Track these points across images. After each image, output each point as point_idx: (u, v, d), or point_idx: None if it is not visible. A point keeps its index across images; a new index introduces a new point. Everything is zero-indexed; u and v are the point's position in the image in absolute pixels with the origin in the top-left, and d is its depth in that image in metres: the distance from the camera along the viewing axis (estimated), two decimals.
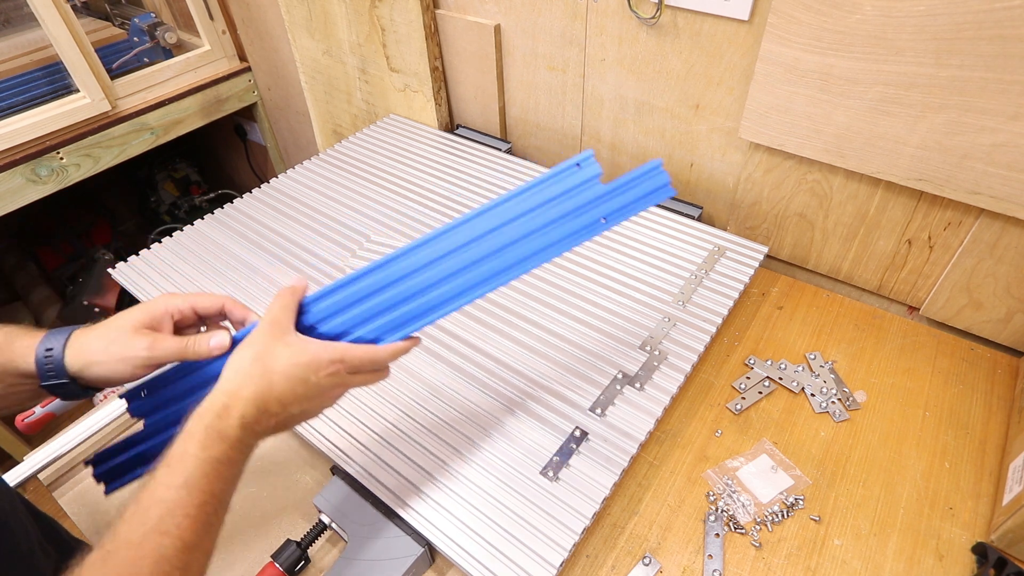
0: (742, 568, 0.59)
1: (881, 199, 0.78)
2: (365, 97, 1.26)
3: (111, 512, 0.68)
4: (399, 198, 0.99)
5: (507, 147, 1.11)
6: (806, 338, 0.80)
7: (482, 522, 0.58)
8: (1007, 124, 0.62)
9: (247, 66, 1.61)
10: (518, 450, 0.64)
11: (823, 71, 0.70)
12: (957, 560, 0.59)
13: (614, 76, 0.92)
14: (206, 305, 0.52)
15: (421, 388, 0.70)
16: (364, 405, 0.69)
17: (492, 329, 0.76)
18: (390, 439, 0.66)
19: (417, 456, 0.64)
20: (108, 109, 1.36)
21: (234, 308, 0.52)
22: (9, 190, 1.27)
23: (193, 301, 0.51)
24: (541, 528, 0.57)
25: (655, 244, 0.86)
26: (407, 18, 1.05)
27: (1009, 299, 0.74)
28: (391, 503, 0.60)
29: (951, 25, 0.60)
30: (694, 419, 0.72)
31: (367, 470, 0.63)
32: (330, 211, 0.97)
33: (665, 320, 0.76)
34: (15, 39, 1.48)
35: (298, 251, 0.90)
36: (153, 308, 0.50)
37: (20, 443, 1.54)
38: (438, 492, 0.61)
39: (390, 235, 0.92)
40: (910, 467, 0.66)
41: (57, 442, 0.72)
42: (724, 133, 0.86)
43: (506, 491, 0.60)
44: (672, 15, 0.80)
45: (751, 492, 0.64)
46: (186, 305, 0.51)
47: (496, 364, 0.72)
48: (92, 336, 0.48)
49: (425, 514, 0.59)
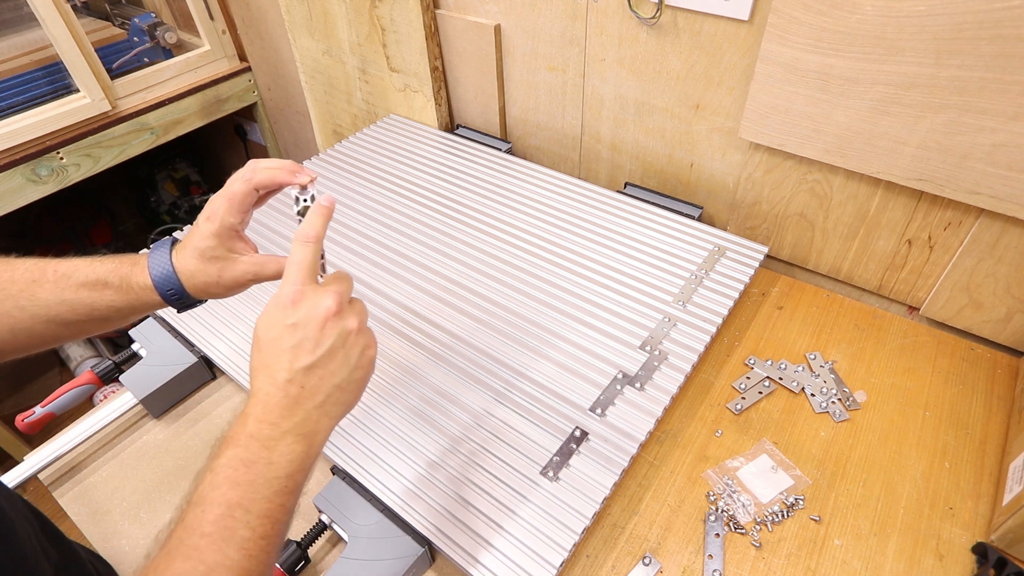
0: (742, 568, 0.59)
1: (881, 199, 0.78)
2: (365, 97, 1.26)
3: (112, 512, 0.68)
4: (399, 198, 0.99)
5: (507, 147, 1.11)
6: (806, 338, 0.80)
7: (482, 522, 0.58)
8: (1007, 124, 0.62)
9: (247, 66, 1.61)
10: (518, 450, 0.64)
11: (823, 71, 0.70)
12: (957, 560, 0.59)
13: (614, 76, 0.92)
14: (265, 182, 0.49)
15: (421, 388, 0.70)
16: (364, 405, 0.69)
17: (492, 329, 0.76)
18: (390, 439, 0.66)
19: (417, 456, 0.64)
20: (108, 109, 1.36)
21: (291, 173, 0.49)
22: (9, 190, 1.27)
23: (256, 183, 0.49)
24: (541, 528, 0.57)
25: (655, 244, 0.86)
26: (407, 18, 1.05)
27: (1009, 299, 0.74)
28: (391, 503, 0.60)
29: (951, 25, 0.60)
30: (694, 419, 0.72)
31: (367, 470, 0.63)
32: None
33: (665, 320, 0.76)
34: (15, 39, 1.48)
35: None
36: (221, 221, 0.48)
37: (20, 443, 1.54)
38: (438, 492, 0.61)
39: (390, 235, 0.92)
40: (910, 467, 0.66)
41: (57, 442, 0.72)
42: (724, 133, 0.86)
43: (506, 491, 0.60)
44: (672, 15, 0.80)
45: (751, 492, 0.64)
46: (249, 193, 0.49)
47: (496, 364, 0.72)
48: (183, 259, 0.49)
49: (425, 514, 0.59)
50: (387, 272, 0.86)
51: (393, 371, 0.72)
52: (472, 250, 0.88)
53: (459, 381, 0.71)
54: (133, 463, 0.73)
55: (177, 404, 0.79)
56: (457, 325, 0.77)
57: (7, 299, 0.47)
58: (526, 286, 0.82)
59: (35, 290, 0.47)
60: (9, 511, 0.40)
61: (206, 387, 0.81)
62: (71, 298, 0.48)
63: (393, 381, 0.71)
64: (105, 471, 0.72)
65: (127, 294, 0.49)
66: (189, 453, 0.73)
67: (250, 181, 0.48)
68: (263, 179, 0.49)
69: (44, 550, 0.44)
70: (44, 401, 0.75)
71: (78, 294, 0.48)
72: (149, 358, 0.79)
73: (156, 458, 0.73)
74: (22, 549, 0.40)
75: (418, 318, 0.79)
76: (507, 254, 0.87)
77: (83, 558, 0.52)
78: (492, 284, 0.82)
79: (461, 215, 0.94)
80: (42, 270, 0.48)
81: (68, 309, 0.48)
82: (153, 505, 0.68)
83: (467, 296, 0.81)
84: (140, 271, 0.49)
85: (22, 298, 0.47)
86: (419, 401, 0.69)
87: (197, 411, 0.78)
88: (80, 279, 0.48)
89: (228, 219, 0.48)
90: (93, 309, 0.48)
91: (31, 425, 0.73)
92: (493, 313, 0.78)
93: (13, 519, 0.40)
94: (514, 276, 0.83)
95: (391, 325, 0.78)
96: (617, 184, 1.04)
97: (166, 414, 0.78)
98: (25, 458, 0.71)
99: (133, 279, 0.49)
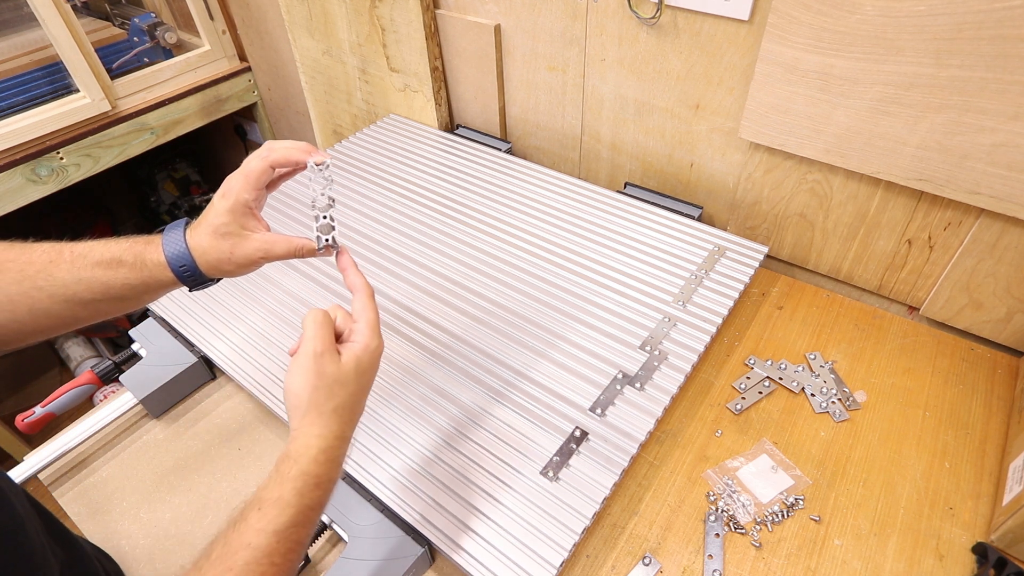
0: (742, 568, 0.59)
1: (881, 199, 0.78)
2: (365, 97, 1.26)
3: (112, 512, 0.68)
4: (399, 198, 0.99)
5: (507, 147, 1.11)
6: (806, 338, 0.80)
7: (482, 522, 0.58)
8: (1007, 124, 0.62)
9: (247, 66, 1.61)
10: (518, 450, 0.64)
11: (823, 71, 0.70)
12: (957, 560, 0.59)
13: (614, 76, 0.92)
14: (281, 161, 0.51)
15: (421, 388, 0.70)
16: (365, 405, 0.69)
17: (492, 329, 0.76)
18: (390, 439, 0.66)
19: (417, 456, 0.64)
20: (108, 109, 1.36)
21: (306, 152, 0.51)
22: (9, 190, 1.27)
23: (272, 160, 0.51)
24: (541, 528, 0.57)
25: (655, 244, 0.86)
26: (407, 18, 1.05)
27: (1009, 299, 0.74)
28: (391, 503, 0.60)
29: (951, 25, 0.60)
30: (694, 419, 0.72)
31: (367, 470, 0.63)
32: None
33: (665, 320, 0.76)
34: (15, 39, 1.48)
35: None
36: (236, 197, 0.49)
37: (20, 443, 1.54)
38: (438, 492, 0.61)
39: (390, 235, 0.92)
40: (910, 467, 0.66)
41: (57, 442, 0.72)
42: (724, 133, 0.86)
43: (506, 491, 0.60)
44: (672, 15, 0.80)
45: (751, 492, 0.64)
46: (265, 171, 0.51)
47: (496, 364, 0.72)
48: (197, 236, 0.50)
49: (425, 514, 0.59)
50: (387, 272, 0.86)
51: (394, 371, 0.72)
52: (472, 250, 0.88)
53: (459, 381, 0.71)
54: (133, 463, 0.73)
55: (177, 404, 0.79)
56: (457, 325, 0.77)
57: (25, 280, 0.48)
58: (526, 286, 0.82)
59: (52, 270, 0.48)
60: (18, 507, 0.40)
61: (206, 387, 0.81)
62: (87, 276, 0.49)
63: (393, 381, 0.71)
64: (105, 471, 0.72)
65: (141, 271, 0.49)
66: (189, 453, 0.73)
67: (266, 159, 0.50)
68: (279, 157, 0.51)
69: (52, 549, 0.44)
70: (44, 401, 0.75)
71: (94, 272, 0.49)
72: (149, 358, 0.79)
73: (156, 458, 0.73)
74: (31, 547, 0.40)
75: (418, 318, 0.79)
76: (507, 254, 0.87)
77: (88, 555, 0.52)
78: (492, 284, 0.82)
79: (461, 215, 0.94)
80: (59, 251, 0.49)
81: (84, 288, 0.49)
82: (153, 505, 0.68)
83: (467, 296, 0.81)
84: (154, 249, 0.50)
85: (39, 278, 0.48)
86: (419, 401, 0.69)
87: (197, 411, 0.78)
88: (95, 258, 0.49)
89: (243, 195, 0.50)
90: (108, 287, 0.49)
91: (31, 425, 0.73)
92: (493, 313, 0.78)
93: (23, 516, 0.40)
94: (514, 276, 0.83)
95: (391, 325, 0.78)
96: (617, 184, 1.04)
97: (166, 414, 0.78)
98: (25, 458, 0.71)
99: (147, 256, 0.50)
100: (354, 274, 0.52)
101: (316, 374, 0.45)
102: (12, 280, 0.48)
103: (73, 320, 0.50)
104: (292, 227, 0.94)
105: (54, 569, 0.42)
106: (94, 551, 0.59)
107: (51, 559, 0.42)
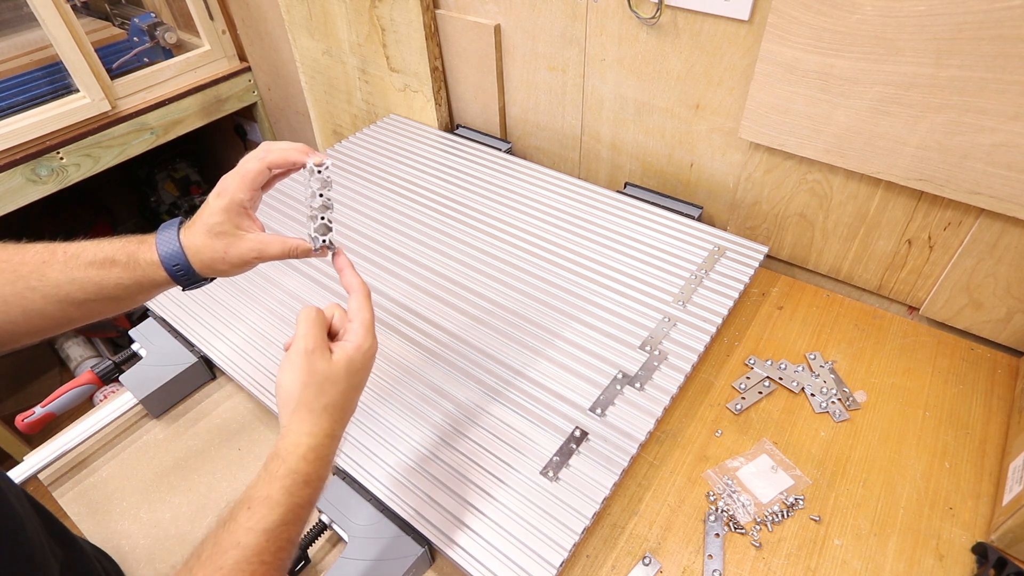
0: (742, 568, 0.59)
1: (881, 199, 0.78)
2: (365, 97, 1.26)
3: (112, 512, 0.68)
4: (399, 198, 0.99)
5: (507, 147, 1.11)
6: (806, 338, 0.80)
7: (482, 522, 0.58)
8: (1007, 124, 0.62)
9: (247, 66, 1.61)
10: (518, 450, 0.64)
11: (823, 71, 0.70)
12: (957, 560, 0.59)
13: (614, 76, 0.92)
14: (278, 162, 0.51)
15: (421, 387, 0.70)
16: (364, 405, 0.69)
17: (492, 329, 0.76)
18: (390, 439, 0.66)
19: (417, 456, 0.64)
20: (108, 109, 1.36)
21: (303, 153, 0.51)
22: (9, 190, 1.27)
23: (269, 161, 0.50)
24: (541, 528, 0.57)
25: (655, 244, 0.86)
26: (407, 18, 1.05)
27: (1009, 299, 0.74)
28: (391, 503, 0.60)
29: (951, 25, 0.60)
30: (694, 419, 0.72)
31: (367, 470, 0.63)
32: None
33: (665, 320, 0.76)
34: (15, 39, 1.48)
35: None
36: (232, 197, 0.49)
37: (20, 443, 1.54)
38: (438, 492, 0.61)
39: (390, 235, 0.92)
40: (910, 467, 0.66)
41: (57, 442, 0.72)
42: (724, 133, 0.86)
43: (506, 491, 0.60)
44: (672, 15, 0.80)
45: (751, 492, 0.64)
46: (261, 172, 0.50)
47: (496, 364, 0.72)
48: (191, 236, 0.50)
49: (425, 514, 0.59)
50: (387, 272, 0.86)
51: (393, 371, 0.72)
52: (472, 250, 0.88)
53: (459, 381, 0.71)
54: (133, 463, 0.73)
55: (177, 404, 0.79)
56: (457, 325, 0.77)
57: (19, 280, 0.48)
58: (526, 286, 0.82)
59: (45, 270, 0.48)
60: (18, 507, 0.40)
61: (206, 387, 0.81)
62: (80, 276, 0.48)
63: (393, 381, 0.71)
64: (105, 471, 0.72)
65: (134, 271, 0.49)
66: (189, 453, 0.73)
67: (263, 160, 0.50)
68: (276, 158, 0.50)
69: (52, 549, 0.44)
70: (44, 401, 0.75)
71: (87, 272, 0.49)
72: (149, 358, 0.79)
73: (156, 458, 0.73)
74: (30, 547, 0.40)
75: (418, 318, 0.79)
76: (507, 254, 0.87)
77: (88, 555, 0.52)
78: (492, 284, 0.82)
79: (461, 215, 0.94)
80: (52, 252, 0.49)
81: (78, 288, 0.49)
82: (153, 505, 0.68)
83: (467, 296, 0.81)
84: (147, 248, 0.50)
85: (33, 279, 0.48)
86: (419, 401, 0.69)
87: (197, 411, 0.78)
88: (88, 258, 0.49)
89: (239, 195, 0.49)
90: (101, 287, 0.49)
91: (31, 425, 0.73)
92: (493, 313, 0.78)
93: (23, 516, 0.40)
94: (514, 276, 0.83)
95: (391, 325, 0.78)
96: (617, 184, 1.04)
97: (166, 414, 0.78)
98: (25, 458, 0.71)
99: (140, 256, 0.50)
100: (350, 274, 0.52)
101: (307, 371, 0.45)
102: (6, 281, 0.48)
103: (67, 321, 0.50)
104: (288, 224, 0.94)
105: (54, 569, 0.42)
106: (94, 551, 0.59)
107: (51, 559, 0.42)
